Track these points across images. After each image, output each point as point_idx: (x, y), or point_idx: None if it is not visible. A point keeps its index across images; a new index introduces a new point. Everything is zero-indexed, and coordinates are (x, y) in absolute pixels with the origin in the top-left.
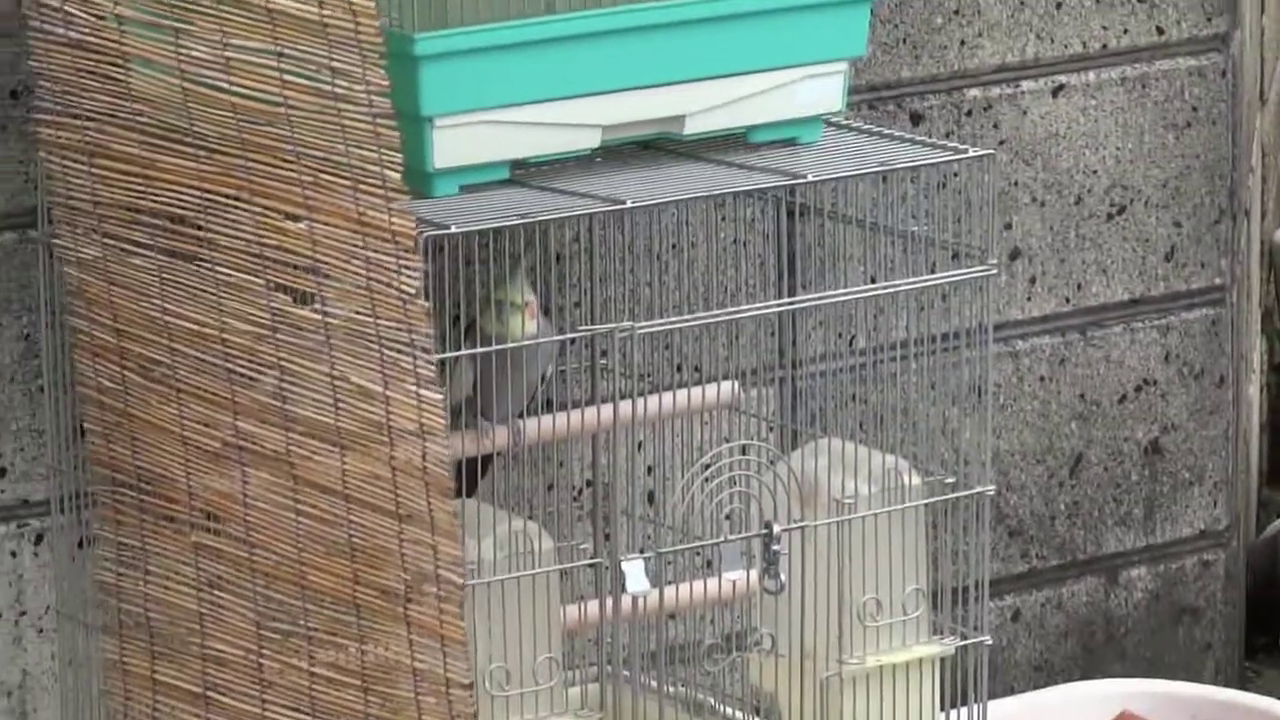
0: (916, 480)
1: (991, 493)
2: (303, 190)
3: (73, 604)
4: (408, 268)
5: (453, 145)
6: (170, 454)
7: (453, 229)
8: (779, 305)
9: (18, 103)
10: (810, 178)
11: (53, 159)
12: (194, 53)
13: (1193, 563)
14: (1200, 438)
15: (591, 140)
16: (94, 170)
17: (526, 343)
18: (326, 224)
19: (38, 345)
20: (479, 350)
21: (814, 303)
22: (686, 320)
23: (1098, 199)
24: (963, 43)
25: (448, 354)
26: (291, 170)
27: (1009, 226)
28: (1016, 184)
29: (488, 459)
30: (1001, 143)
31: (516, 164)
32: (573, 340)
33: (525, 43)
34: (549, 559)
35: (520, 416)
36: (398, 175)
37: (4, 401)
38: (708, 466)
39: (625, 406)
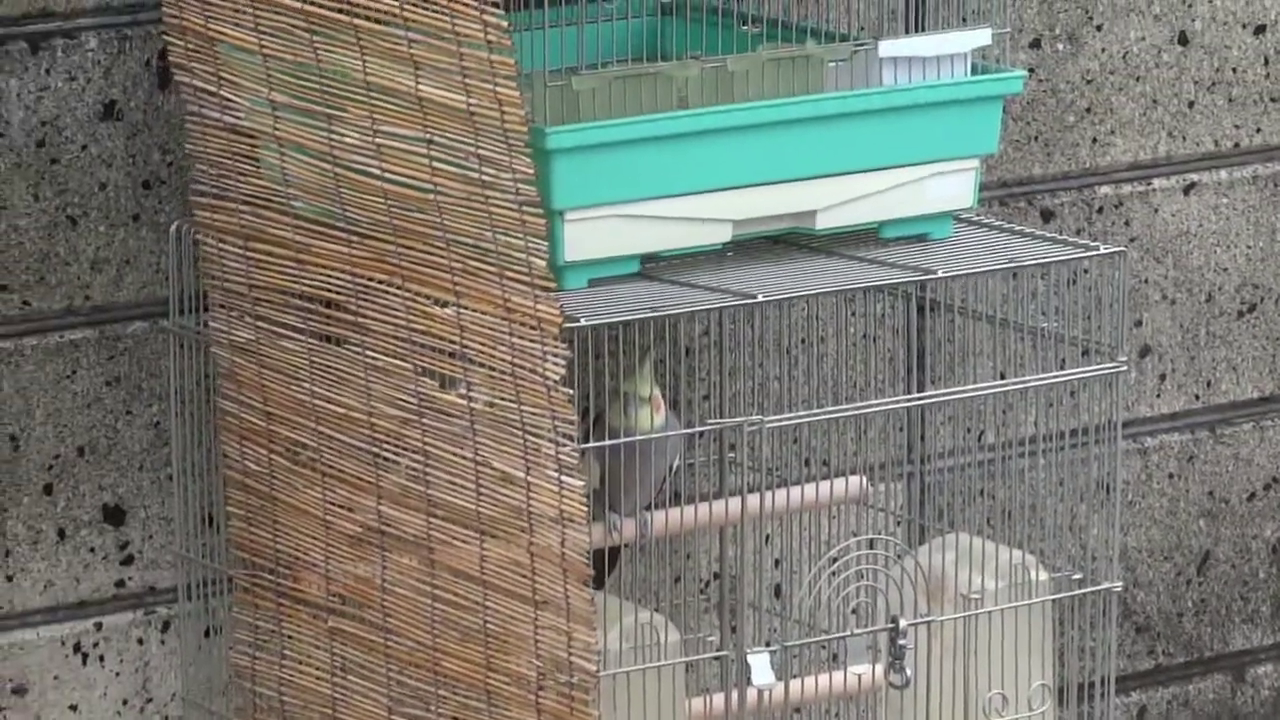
0: (1044, 576)
1: (1119, 589)
2: (451, 276)
3: (199, 691)
4: (553, 354)
5: (583, 238)
6: (311, 538)
7: (582, 321)
8: (908, 400)
9: (150, 193)
10: (941, 273)
11: (209, 242)
12: (346, 139)
13: None
14: None
15: (723, 235)
16: (249, 254)
17: (654, 435)
18: (474, 310)
19: (167, 433)
20: (606, 443)
21: (943, 398)
22: (815, 415)
23: (1228, 297)
24: (1094, 140)
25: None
26: (441, 256)
27: (1139, 323)
28: (1147, 281)
29: (615, 551)
30: (1132, 240)
31: (647, 258)
32: (701, 433)
33: (657, 137)
34: (675, 651)
35: (647, 509)
36: (543, 263)
37: (133, 489)
38: (835, 560)
39: (753, 500)
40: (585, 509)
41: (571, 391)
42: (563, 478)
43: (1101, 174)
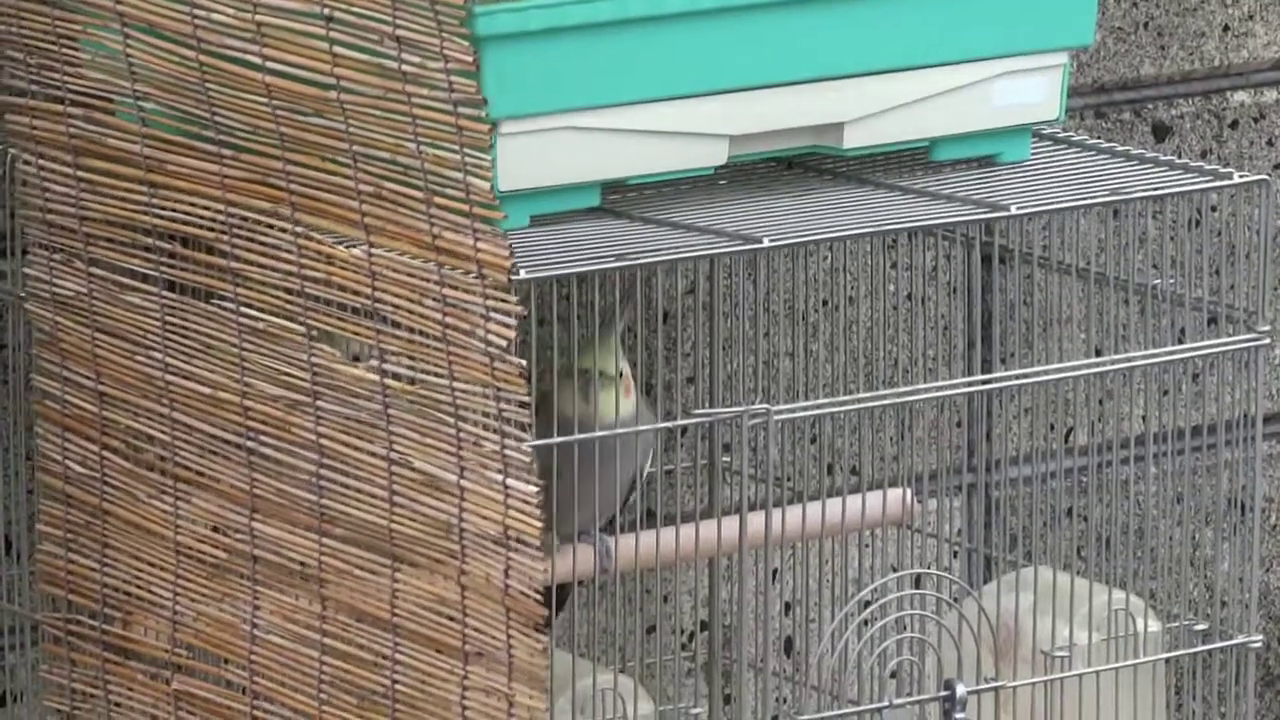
0: (1155, 626)
1: (1258, 644)
2: (359, 205)
3: None
4: (499, 312)
5: (524, 160)
6: (155, 567)
7: (522, 274)
8: (968, 385)
9: None
10: (1014, 210)
11: (26, 158)
12: (215, 15)
13: None
14: None
15: (715, 156)
16: (80, 175)
17: (621, 430)
18: (390, 251)
19: None
20: (556, 440)
21: (1016, 383)
22: (840, 404)
23: None
24: (1227, 27)
25: None
26: (345, 177)
27: None
28: None
29: (564, 590)
30: (1278, 166)
31: (610, 186)
32: (684, 429)
33: (626, 21)
34: None
35: (609, 532)
36: (487, 184)
37: None
38: (868, 604)
39: (755, 520)
40: (540, 526)
41: (524, 363)
42: (510, 482)
43: (1236, 74)
